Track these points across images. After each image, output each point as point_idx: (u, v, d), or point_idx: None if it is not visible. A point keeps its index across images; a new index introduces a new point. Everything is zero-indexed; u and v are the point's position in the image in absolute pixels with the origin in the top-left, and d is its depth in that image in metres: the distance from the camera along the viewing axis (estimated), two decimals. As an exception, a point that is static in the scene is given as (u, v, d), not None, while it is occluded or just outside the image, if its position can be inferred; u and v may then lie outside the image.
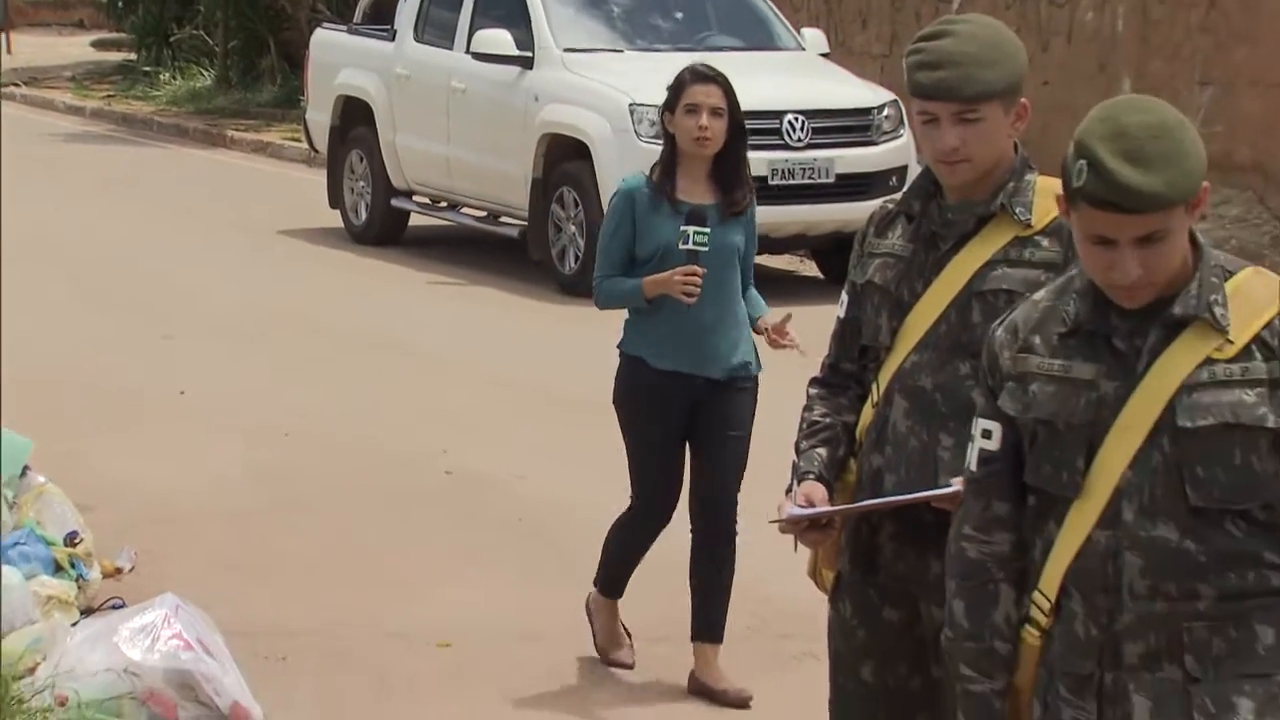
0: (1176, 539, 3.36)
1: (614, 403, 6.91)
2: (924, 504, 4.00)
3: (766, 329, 6.53)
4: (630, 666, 6.97)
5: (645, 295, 6.43)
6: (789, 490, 4.37)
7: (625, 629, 7.00)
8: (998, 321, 3.56)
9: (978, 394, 3.59)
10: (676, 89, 6.39)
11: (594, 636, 6.97)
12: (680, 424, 6.60)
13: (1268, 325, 3.44)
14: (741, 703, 6.63)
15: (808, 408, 4.41)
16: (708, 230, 6.25)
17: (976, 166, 3.89)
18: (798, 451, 4.41)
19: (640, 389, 6.68)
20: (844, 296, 4.44)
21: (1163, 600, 3.37)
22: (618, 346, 6.82)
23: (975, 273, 3.97)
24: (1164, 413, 3.38)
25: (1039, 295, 3.53)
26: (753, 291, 6.73)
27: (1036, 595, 3.47)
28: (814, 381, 4.48)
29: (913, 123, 4.25)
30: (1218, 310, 3.41)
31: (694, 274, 6.21)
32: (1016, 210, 3.79)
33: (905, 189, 4.46)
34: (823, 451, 4.32)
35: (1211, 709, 3.39)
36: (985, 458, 3.53)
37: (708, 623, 6.70)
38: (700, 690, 6.72)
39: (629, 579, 6.95)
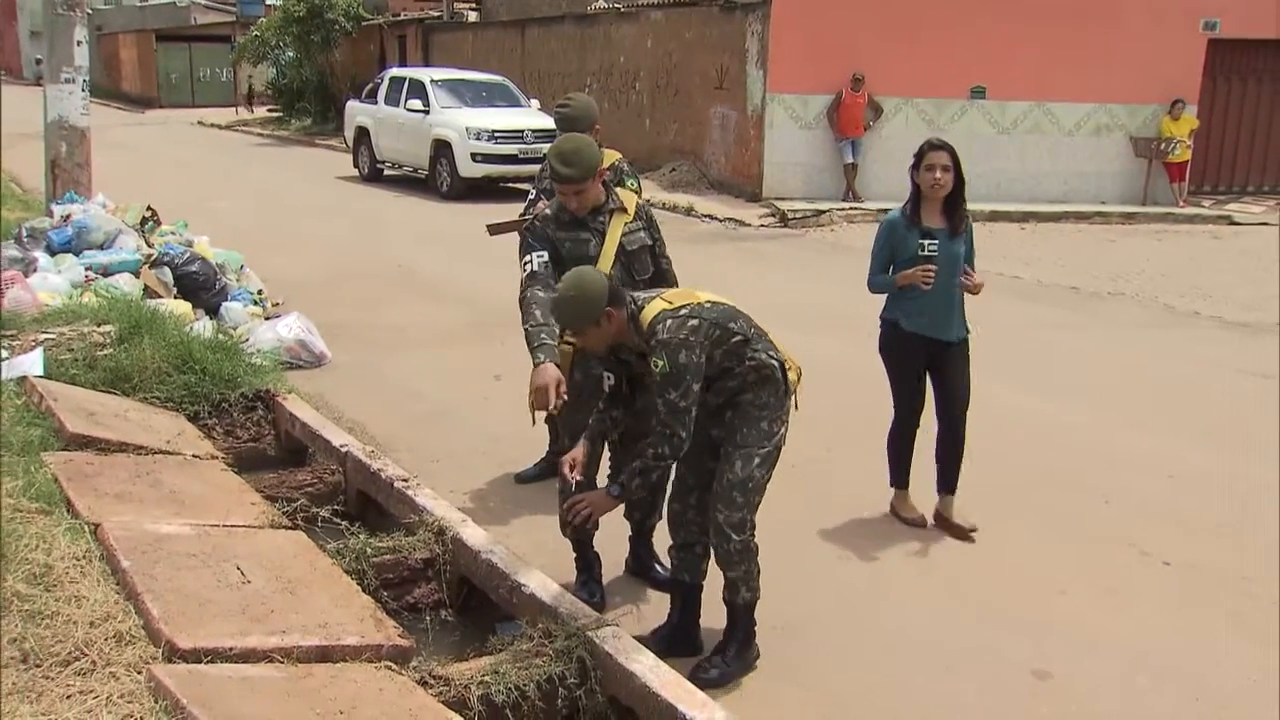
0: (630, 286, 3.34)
1: (879, 350, 4.14)
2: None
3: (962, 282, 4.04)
4: (923, 525, 4.16)
5: (898, 284, 3.94)
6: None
7: (912, 506, 4.24)
8: (531, 220, 3.37)
9: (533, 239, 3.33)
10: (920, 155, 3.90)
11: (900, 518, 4.21)
12: (923, 364, 4.04)
13: (638, 205, 3.48)
14: (967, 536, 4.08)
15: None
16: (937, 241, 3.90)
17: None
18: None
19: (895, 341, 4.06)
20: (532, 191, 4.35)
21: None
22: (880, 315, 4.11)
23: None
24: (619, 246, 3.40)
25: (545, 210, 3.39)
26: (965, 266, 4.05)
27: None
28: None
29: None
30: (625, 204, 3.43)
31: (929, 270, 3.88)
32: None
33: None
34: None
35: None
36: (532, 273, 3.30)
37: (947, 480, 4.14)
38: (942, 524, 4.14)
39: (909, 471, 4.20)
